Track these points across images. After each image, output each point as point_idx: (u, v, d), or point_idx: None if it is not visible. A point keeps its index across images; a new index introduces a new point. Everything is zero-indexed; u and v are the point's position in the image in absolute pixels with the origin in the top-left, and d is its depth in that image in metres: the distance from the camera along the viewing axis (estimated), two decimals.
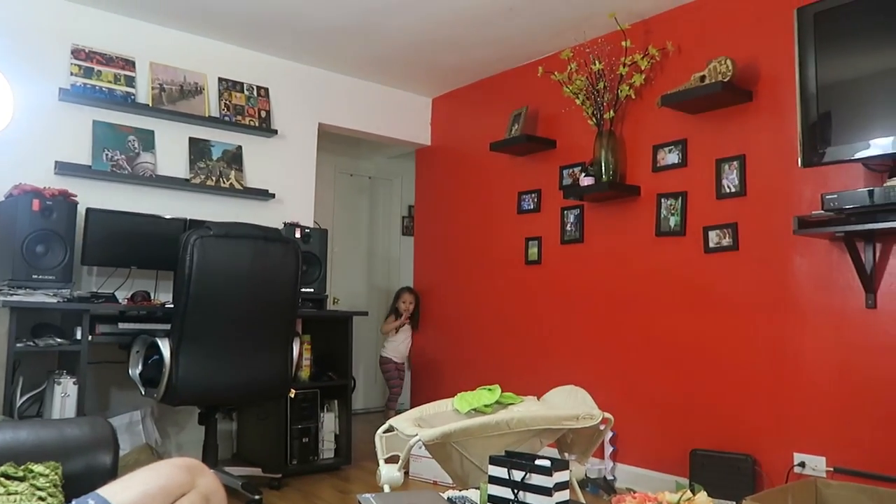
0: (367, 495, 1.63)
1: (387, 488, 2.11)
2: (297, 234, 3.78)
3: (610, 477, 3.44)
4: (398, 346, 4.91)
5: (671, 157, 3.41)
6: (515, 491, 1.38)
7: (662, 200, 3.42)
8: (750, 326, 3.05)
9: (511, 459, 1.43)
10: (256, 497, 2.96)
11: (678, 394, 3.28)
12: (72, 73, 3.49)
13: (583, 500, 2.34)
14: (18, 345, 2.84)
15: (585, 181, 3.60)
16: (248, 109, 4.08)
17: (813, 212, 2.63)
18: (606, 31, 3.70)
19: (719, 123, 3.23)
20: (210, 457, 3.14)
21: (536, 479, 1.37)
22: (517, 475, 1.38)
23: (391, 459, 2.18)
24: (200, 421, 3.27)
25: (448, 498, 1.68)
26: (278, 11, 3.63)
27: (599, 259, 3.71)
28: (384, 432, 2.26)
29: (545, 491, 1.36)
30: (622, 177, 3.60)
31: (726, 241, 3.15)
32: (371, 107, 4.69)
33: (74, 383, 2.93)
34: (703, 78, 3.13)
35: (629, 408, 3.44)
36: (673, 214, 3.37)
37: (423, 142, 4.98)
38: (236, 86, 4.06)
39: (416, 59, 4.27)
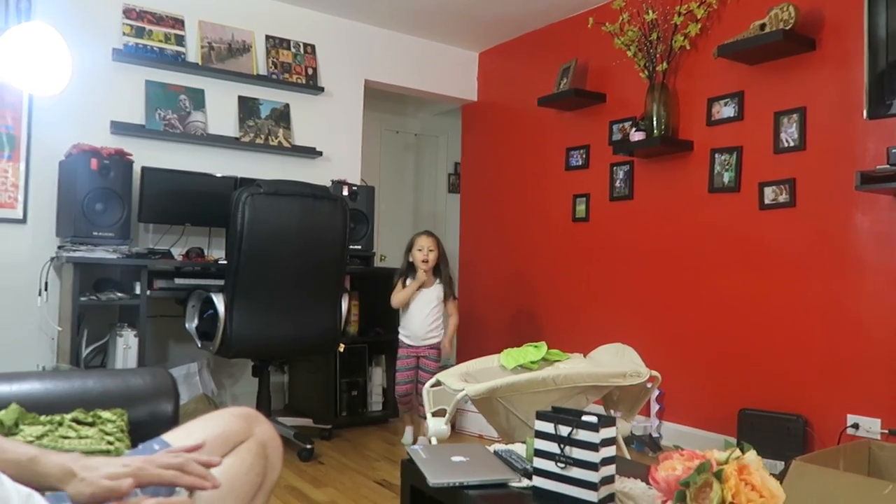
0: (416, 447, 1.67)
1: (434, 441, 2.15)
2: (345, 192, 3.80)
3: (655, 434, 3.44)
4: (410, 320, 3.40)
5: (727, 111, 3.29)
6: (562, 446, 1.39)
7: (716, 155, 3.32)
8: (805, 284, 2.96)
9: (557, 415, 1.44)
10: (308, 446, 3.07)
11: (727, 353, 3.24)
12: (124, 34, 3.54)
13: (628, 456, 2.35)
14: (82, 299, 2.98)
15: (636, 136, 3.51)
16: (296, 67, 4.08)
17: (878, 166, 2.52)
18: None
19: (779, 74, 3.09)
20: (263, 407, 3.25)
21: (583, 435, 1.38)
22: (563, 430, 1.39)
23: (438, 413, 2.22)
24: (254, 373, 3.39)
25: (494, 451, 1.71)
26: None
27: (649, 216, 3.64)
28: (431, 386, 2.30)
29: (591, 446, 1.37)
30: (674, 131, 3.50)
31: (783, 198, 3.04)
32: (417, 62, 4.64)
33: (135, 336, 3.07)
34: (763, 26, 2.99)
35: (677, 366, 3.41)
36: (727, 170, 3.27)
37: (470, 97, 4.92)
38: (283, 43, 4.06)
39: (462, 12, 4.19)
